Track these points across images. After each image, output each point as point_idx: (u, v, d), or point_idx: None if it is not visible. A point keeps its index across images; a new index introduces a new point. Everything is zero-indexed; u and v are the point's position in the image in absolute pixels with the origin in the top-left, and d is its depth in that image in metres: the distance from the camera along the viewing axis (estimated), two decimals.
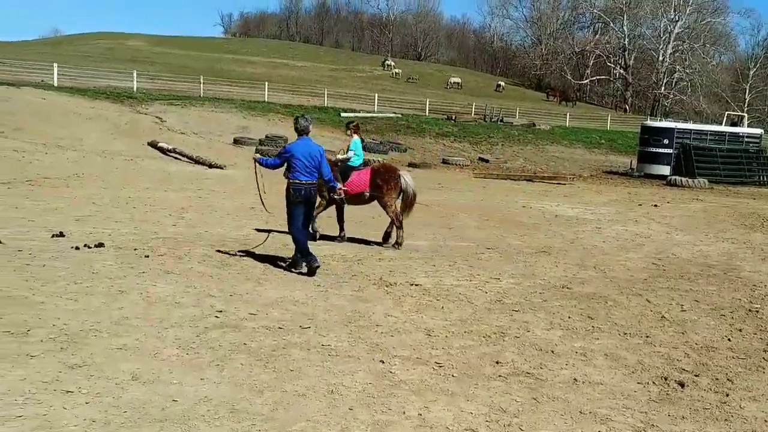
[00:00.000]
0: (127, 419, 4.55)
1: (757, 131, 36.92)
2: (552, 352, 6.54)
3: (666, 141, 32.07)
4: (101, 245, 9.55)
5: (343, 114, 38.08)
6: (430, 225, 14.14)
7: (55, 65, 35.37)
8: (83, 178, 17.46)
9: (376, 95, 45.25)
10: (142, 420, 4.56)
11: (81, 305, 6.84)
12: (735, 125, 37.72)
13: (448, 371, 5.85)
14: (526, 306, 8.11)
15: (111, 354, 5.64)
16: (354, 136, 11.56)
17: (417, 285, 8.75)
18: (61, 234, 10.15)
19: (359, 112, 40.03)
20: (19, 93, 27.71)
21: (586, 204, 19.97)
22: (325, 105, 40.88)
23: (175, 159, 24.12)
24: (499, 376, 5.84)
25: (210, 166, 23.10)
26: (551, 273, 10.07)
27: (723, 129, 35.13)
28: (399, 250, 11.20)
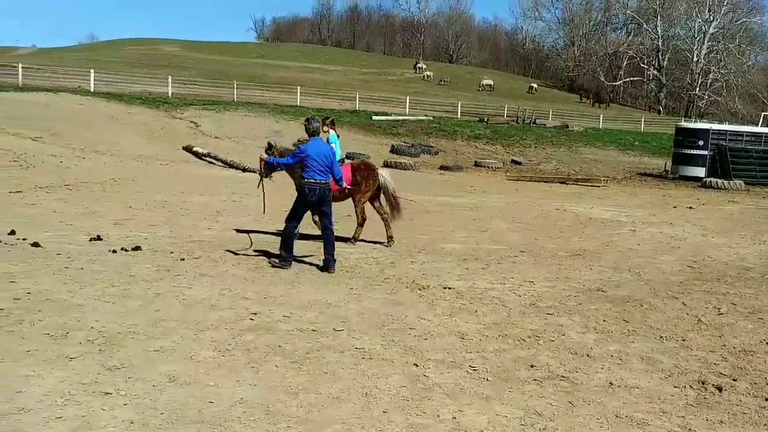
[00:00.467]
0: (165, 420, 4.61)
1: None
2: (587, 355, 6.48)
3: (701, 142, 31.55)
4: (138, 248, 9.68)
5: (375, 117, 38.19)
6: (463, 228, 14.11)
7: (92, 71, 36.02)
8: (120, 182, 17.71)
9: (407, 98, 45.31)
10: (179, 421, 4.61)
11: (119, 308, 6.94)
12: None
13: (482, 375, 5.83)
14: (560, 309, 8.05)
15: (148, 356, 5.72)
16: (330, 131, 11.61)
17: (450, 288, 8.73)
18: (99, 237, 10.31)
19: (390, 114, 40.10)
20: (58, 99, 28.25)
21: (620, 206, 19.76)
22: (357, 108, 41.02)
23: (210, 163, 24.39)
24: (534, 379, 5.81)
25: (244, 170, 23.30)
26: (586, 276, 9.98)
27: (759, 130, 34.47)
28: (354, 244, 11.32)
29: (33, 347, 5.67)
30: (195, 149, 25.23)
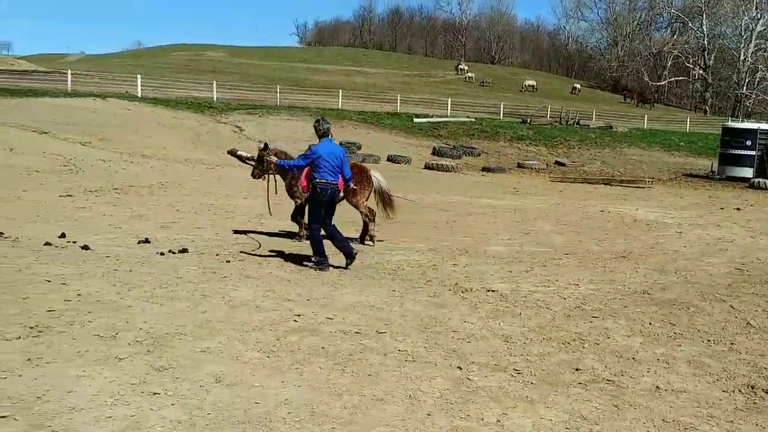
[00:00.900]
0: (211, 421, 4.68)
1: None
2: (633, 359, 6.40)
3: (748, 142, 30.82)
4: (185, 251, 9.85)
5: (416, 120, 38.18)
6: (506, 230, 14.04)
7: (139, 77, 36.70)
8: (167, 185, 17.99)
9: (449, 99, 45.22)
10: (225, 422, 4.68)
11: (166, 309, 7.06)
12: None
13: (526, 378, 5.80)
14: (605, 312, 7.96)
15: (195, 357, 5.81)
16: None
17: (493, 291, 8.70)
18: (147, 240, 10.51)
19: (432, 116, 40.03)
20: (106, 104, 28.84)
21: (665, 208, 19.45)
22: (398, 111, 41.06)
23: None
24: (579, 383, 5.76)
25: None
26: (631, 278, 9.86)
27: None
28: (373, 245, 11.39)
29: (83, 348, 5.79)
30: (239, 153, 25.40)
